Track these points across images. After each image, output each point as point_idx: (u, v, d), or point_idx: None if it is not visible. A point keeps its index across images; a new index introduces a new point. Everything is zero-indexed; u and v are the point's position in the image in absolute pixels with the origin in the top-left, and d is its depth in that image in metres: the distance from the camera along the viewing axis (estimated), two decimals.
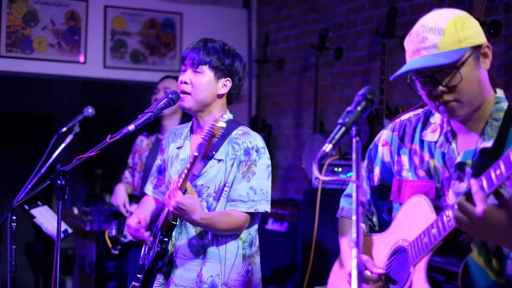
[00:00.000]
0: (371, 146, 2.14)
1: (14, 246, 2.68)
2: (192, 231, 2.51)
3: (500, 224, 1.58)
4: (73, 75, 5.24)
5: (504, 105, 1.84)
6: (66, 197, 2.31)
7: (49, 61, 5.04)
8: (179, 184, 2.35)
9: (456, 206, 1.63)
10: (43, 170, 3.14)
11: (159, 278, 2.57)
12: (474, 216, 1.59)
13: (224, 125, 2.25)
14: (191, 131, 2.65)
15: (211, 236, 2.50)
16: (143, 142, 4.20)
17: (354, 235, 1.54)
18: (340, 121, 1.64)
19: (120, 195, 4.08)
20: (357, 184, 1.55)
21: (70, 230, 3.87)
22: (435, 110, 1.85)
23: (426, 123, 1.98)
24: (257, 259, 2.61)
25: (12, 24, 4.89)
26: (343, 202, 2.24)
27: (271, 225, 4.50)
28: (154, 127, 4.11)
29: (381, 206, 2.11)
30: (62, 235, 2.90)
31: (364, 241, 2.04)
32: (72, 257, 5.63)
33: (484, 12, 3.34)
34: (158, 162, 2.79)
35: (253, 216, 2.54)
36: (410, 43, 1.85)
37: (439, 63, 1.74)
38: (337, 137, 1.63)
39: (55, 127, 7.71)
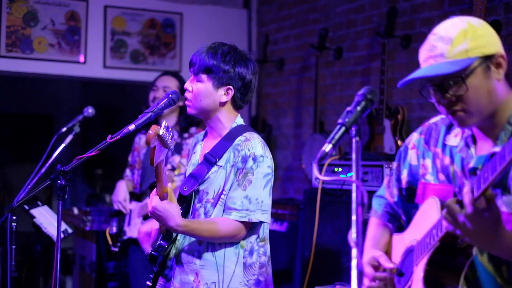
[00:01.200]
0: (401, 148, 2.13)
1: (14, 246, 2.69)
2: None
3: (485, 228, 1.57)
4: (73, 75, 5.24)
5: None
6: (66, 197, 2.31)
7: (49, 61, 5.04)
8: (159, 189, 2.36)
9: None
10: (43, 170, 3.14)
11: (160, 280, 2.57)
12: (459, 218, 1.58)
13: (151, 133, 2.17)
14: (205, 135, 2.65)
15: (205, 242, 2.45)
16: (141, 140, 4.22)
17: (354, 235, 1.54)
18: (340, 121, 1.64)
19: (121, 192, 4.08)
20: (357, 184, 1.55)
21: (70, 230, 3.86)
22: (447, 117, 1.84)
23: (450, 127, 1.96)
24: (269, 270, 2.53)
25: (12, 24, 4.89)
26: (373, 203, 2.24)
27: (271, 225, 4.50)
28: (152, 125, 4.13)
29: (410, 208, 2.09)
30: (62, 235, 2.90)
31: (388, 240, 2.10)
32: (72, 257, 5.62)
33: (484, 12, 3.34)
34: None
35: (252, 225, 2.46)
36: (422, 51, 1.83)
37: (441, 72, 1.72)
38: (337, 137, 1.63)
39: (55, 127, 7.72)
